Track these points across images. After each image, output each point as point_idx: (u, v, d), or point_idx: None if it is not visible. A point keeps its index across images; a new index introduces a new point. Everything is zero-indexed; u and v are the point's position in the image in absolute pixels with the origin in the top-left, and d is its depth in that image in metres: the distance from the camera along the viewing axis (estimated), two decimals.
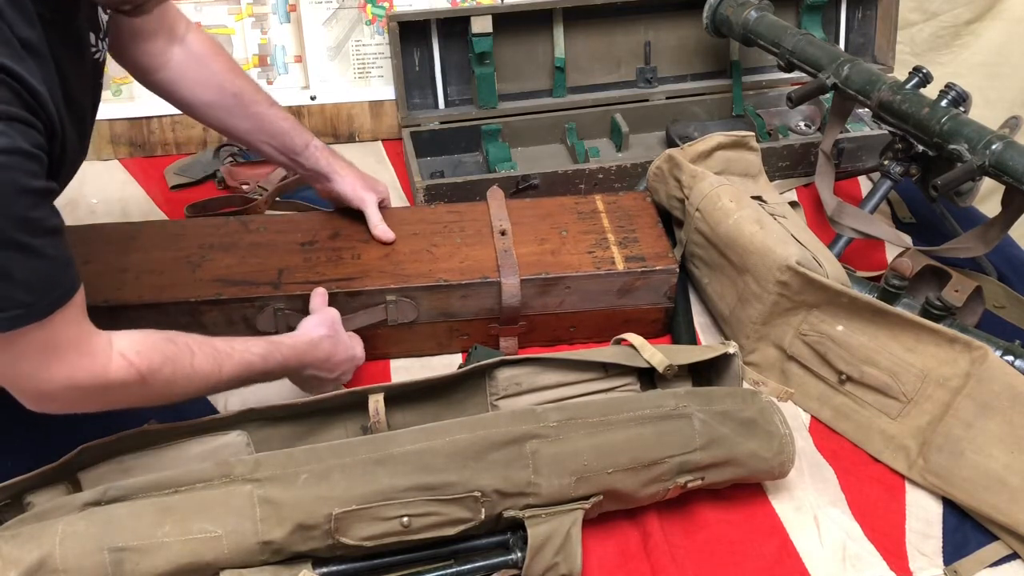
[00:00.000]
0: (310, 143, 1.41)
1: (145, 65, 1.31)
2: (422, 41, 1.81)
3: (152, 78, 1.32)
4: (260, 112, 1.37)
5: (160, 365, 1.00)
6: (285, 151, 1.40)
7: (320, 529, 1.00)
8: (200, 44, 1.33)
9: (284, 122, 1.39)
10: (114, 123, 1.80)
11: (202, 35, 1.34)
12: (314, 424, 1.20)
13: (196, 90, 1.33)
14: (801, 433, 1.29)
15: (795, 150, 1.74)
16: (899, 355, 1.24)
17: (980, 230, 1.42)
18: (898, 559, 1.14)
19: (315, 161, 1.41)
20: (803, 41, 1.61)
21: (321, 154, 1.42)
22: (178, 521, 0.99)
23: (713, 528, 1.17)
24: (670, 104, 1.89)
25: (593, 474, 1.08)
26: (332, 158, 1.43)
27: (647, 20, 1.88)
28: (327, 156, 1.42)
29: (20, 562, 0.95)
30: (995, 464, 1.15)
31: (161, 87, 1.33)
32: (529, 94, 1.87)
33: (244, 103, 1.35)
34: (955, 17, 2.16)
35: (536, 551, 1.04)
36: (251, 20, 1.81)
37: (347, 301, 1.33)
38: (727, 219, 1.35)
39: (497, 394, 1.24)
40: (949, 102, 1.42)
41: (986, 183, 1.45)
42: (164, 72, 1.31)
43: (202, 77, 1.32)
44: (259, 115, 1.37)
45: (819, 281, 1.27)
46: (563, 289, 1.37)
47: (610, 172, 1.66)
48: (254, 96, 1.36)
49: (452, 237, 1.43)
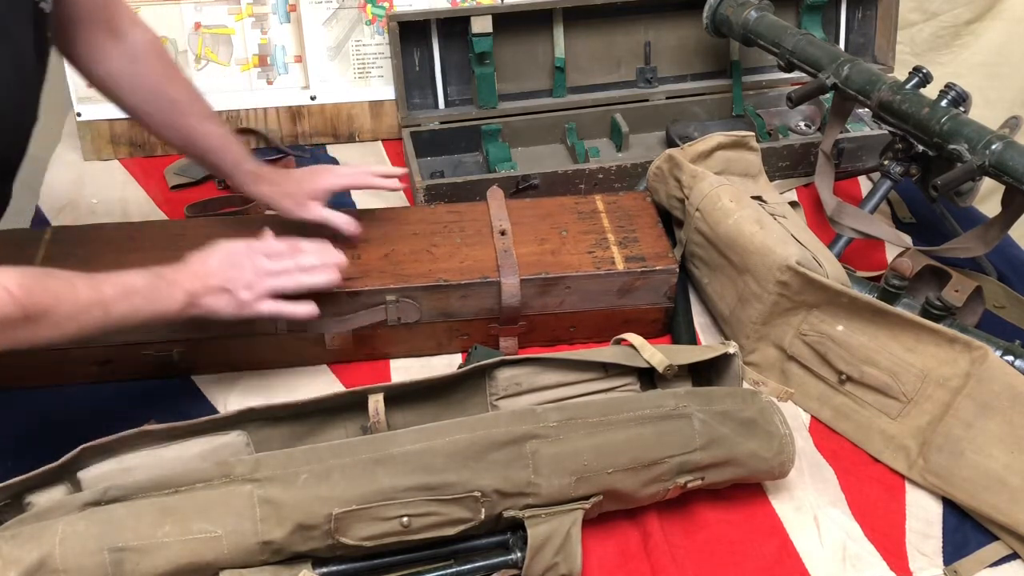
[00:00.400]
0: (240, 165, 1.35)
1: (84, 56, 1.27)
2: (422, 41, 1.81)
3: (90, 71, 1.29)
4: (191, 125, 1.32)
5: (41, 295, 0.99)
6: (214, 169, 1.37)
7: (320, 529, 1.00)
8: (143, 44, 1.29)
9: (216, 139, 1.33)
10: (114, 123, 1.80)
11: (148, 35, 1.30)
12: (314, 424, 1.20)
13: (130, 90, 1.29)
14: (801, 433, 1.29)
15: (795, 150, 1.74)
16: (899, 355, 1.24)
17: (980, 230, 1.42)
18: (898, 559, 1.14)
19: (241, 186, 1.37)
20: (803, 41, 1.61)
21: (248, 180, 1.36)
22: (178, 521, 0.99)
23: (713, 528, 1.16)
24: (670, 104, 1.89)
25: (593, 474, 1.08)
26: (259, 185, 1.36)
27: (647, 20, 1.88)
28: (254, 183, 1.36)
29: (20, 562, 0.95)
30: (995, 464, 1.15)
31: (99, 82, 1.30)
32: (529, 94, 1.87)
33: (177, 112, 1.30)
34: (955, 17, 2.16)
35: (536, 551, 1.04)
36: (251, 20, 1.81)
37: (347, 301, 1.33)
38: (727, 219, 1.35)
39: (497, 394, 1.24)
40: (949, 102, 1.42)
41: (986, 183, 1.45)
42: (102, 66, 1.28)
43: (137, 78, 1.28)
44: (190, 128, 1.32)
45: (819, 281, 1.27)
46: (563, 289, 1.37)
47: (610, 172, 1.66)
48: (190, 107, 1.31)
49: (452, 237, 1.43)
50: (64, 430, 1.25)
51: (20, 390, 1.33)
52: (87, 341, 1.12)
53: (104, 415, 1.29)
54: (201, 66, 1.81)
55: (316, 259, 1.25)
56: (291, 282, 1.23)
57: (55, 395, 1.33)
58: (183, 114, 1.31)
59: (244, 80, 1.83)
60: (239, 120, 1.84)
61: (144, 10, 1.75)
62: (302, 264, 1.24)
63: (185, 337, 1.32)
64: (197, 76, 1.81)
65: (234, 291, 1.19)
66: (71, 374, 1.34)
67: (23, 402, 1.31)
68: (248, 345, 1.35)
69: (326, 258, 1.26)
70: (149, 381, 1.35)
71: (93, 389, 1.34)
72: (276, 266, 1.23)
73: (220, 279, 1.18)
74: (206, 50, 1.81)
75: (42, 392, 1.33)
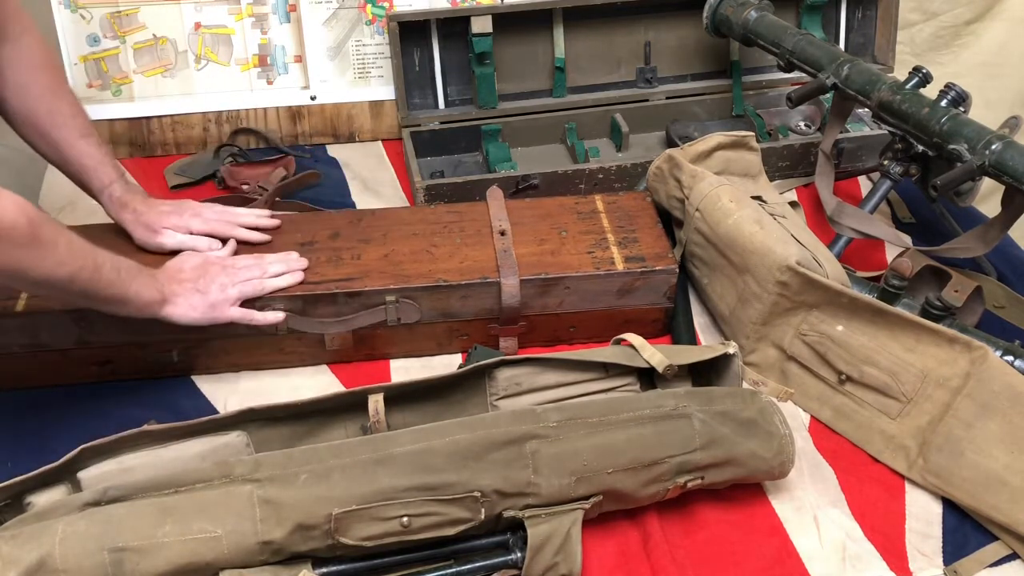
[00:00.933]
0: (106, 190, 1.34)
1: None
2: (422, 41, 1.81)
3: None
4: (64, 139, 1.30)
5: (49, 226, 1.05)
6: (82, 187, 1.35)
7: (320, 529, 1.00)
8: (32, 51, 1.28)
9: (87, 159, 1.32)
10: (114, 123, 1.80)
11: (38, 44, 1.29)
12: (314, 424, 1.20)
13: (11, 95, 1.28)
14: (801, 433, 1.29)
15: (795, 150, 1.74)
16: (899, 355, 1.24)
17: (980, 230, 1.42)
18: (898, 559, 1.14)
19: (106, 208, 1.36)
20: (803, 41, 1.61)
21: (112, 205, 1.35)
22: (178, 521, 0.99)
23: (713, 528, 1.17)
24: (670, 104, 1.89)
25: (593, 474, 1.08)
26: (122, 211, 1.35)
27: (647, 20, 1.88)
28: (118, 209, 1.35)
29: (20, 562, 0.95)
30: (995, 464, 1.15)
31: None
32: (529, 94, 1.87)
33: (51, 125, 1.29)
34: (955, 17, 2.15)
35: (536, 551, 1.04)
36: (251, 20, 1.81)
37: (347, 301, 1.33)
38: (727, 219, 1.35)
39: (497, 394, 1.24)
40: (949, 102, 1.42)
41: (986, 183, 1.45)
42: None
43: (19, 84, 1.27)
44: (62, 142, 1.30)
45: (819, 281, 1.27)
46: (563, 289, 1.37)
47: (610, 172, 1.66)
48: (65, 121, 1.30)
49: (452, 237, 1.43)
50: (64, 430, 1.26)
51: (20, 390, 1.33)
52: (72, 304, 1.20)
53: (104, 415, 1.29)
54: (201, 66, 1.81)
55: (282, 267, 1.33)
56: (260, 286, 1.30)
57: (55, 395, 1.32)
58: (59, 127, 1.30)
59: (244, 80, 1.83)
60: (239, 120, 1.84)
61: (144, 10, 1.76)
62: (267, 271, 1.31)
63: (185, 337, 1.32)
64: (197, 76, 1.81)
65: (206, 294, 1.25)
66: (71, 374, 1.34)
67: (23, 402, 1.31)
68: (248, 345, 1.35)
69: (291, 264, 1.33)
70: (149, 381, 1.35)
71: (93, 389, 1.34)
72: (245, 273, 1.30)
73: (194, 283, 1.26)
74: (206, 50, 1.81)
75: (42, 392, 1.33)
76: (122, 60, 1.78)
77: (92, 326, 1.29)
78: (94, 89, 1.78)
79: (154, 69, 1.80)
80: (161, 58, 1.79)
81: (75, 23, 1.75)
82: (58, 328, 1.29)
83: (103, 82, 1.78)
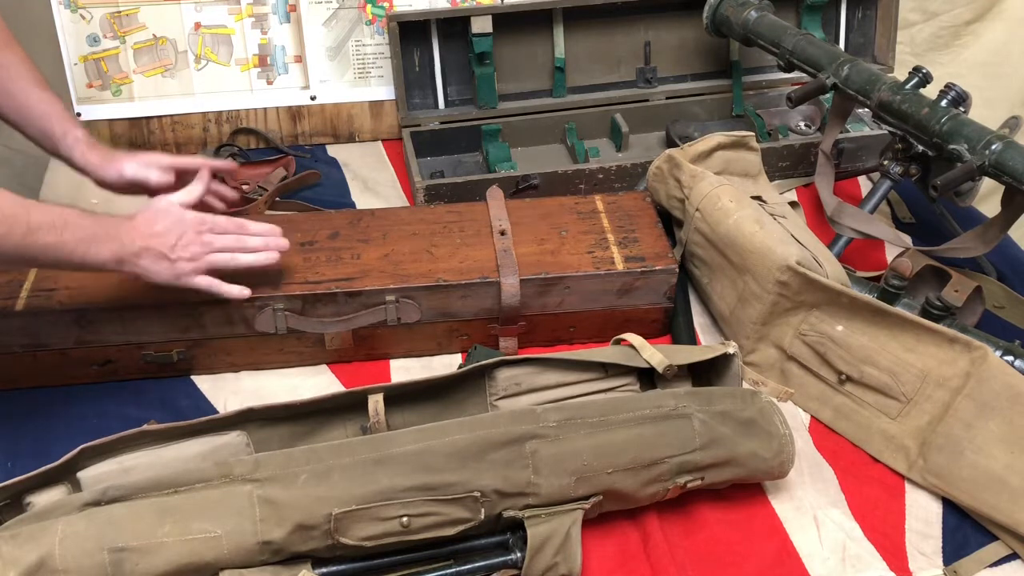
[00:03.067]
0: (70, 133, 1.30)
1: None
2: (422, 41, 1.81)
3: None
4: (21, 89, 1.28)
5: None
6: (43, 137, 1.32)
7: (320, 529, 1.00)
8: None
9: (47, 106, 1.29)
10: (114, 123, 1.80)
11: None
12: (314, 424, 1.20)
13: None
14: (801, 433, 1.29)
15: (795, 150, 1.74)
16: (899, 355, 1.24)
17: (980, 230, 1.42)
18: (898, 559, 1.14)
19: (69, 152, 1.31)
20: (803, 41, 1.61)
21: (76, 146, 1.30)
22: (178, 521, 0.99)
23: (713, 528, 1.16)
24: (670, 104, 1.89)
25: (593, 474, 1.08)
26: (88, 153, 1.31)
27: (647, 20, 1.88)
28: (85, 150, 1.31)
29: (20, 562, 0.95)
30: (995, 464, 1.15)
31: None
32: (529, 94, 1.87)
33: (7, 77, 1.27)
34: (955, 17, 2.15)
35: (536, 551, 1.04)
36: (251, 20, 1.81)
37: (347, 301, 1.33)
38: (727, 219, 1.35)
39: (497, 394, 1.24)
40: (949, 102, 1.42)
41: (986, 183, 1.45)
42: None
43: None
44: (20, 92, 1.28)
45: (819, 281, 1.27)
46: (563, 289, 1.37)
47: (610, 172, 1.66)
48: (19, 71, 1.28)
49: (452, 237, 1.43)
50: (64, 430, 1.26)
51: (20, 390, 1.33)
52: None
53: (104, 415, 1.29)
54: (201, 66, 1.81)
55: (261, 241, 1.27)
56: (232, 260, 1.25)
57: (55, 395, 1.32)
58: (12, 79, 1.28)
59: (244, 80, 1.83)
60: (239, 120, 1.84)
61: (144, 10, 1.76)
62: (246, 244, 1.26)
63: (185, 337, 1.32)
64: (197, 76, 1.81)
65: (174, 260, 1.20)
66: (71, 374, 1.34)
67: (23, 402, 1.31)
68: (248, 345, 1.35)
69: (271, 242, 1.28)
70: (149, 381, 1.35)
71: (93, 389, 1.34)
72: (220, 242, 1.24)
73: (163, 244, 1.19)
74: (206, 50, 1.81)
75: (42, 392, 1.33)
76: (122, 60, 1.78)
77: (92, 326, 1.29)
78: (94, 89, 1.78)
79: (154, 69, 1.80)
80: (161, 58, 1.79)
81: (75, 23, 1.75)
82: (58, 328, 1.29)
83: (103, 82, 1.78)
